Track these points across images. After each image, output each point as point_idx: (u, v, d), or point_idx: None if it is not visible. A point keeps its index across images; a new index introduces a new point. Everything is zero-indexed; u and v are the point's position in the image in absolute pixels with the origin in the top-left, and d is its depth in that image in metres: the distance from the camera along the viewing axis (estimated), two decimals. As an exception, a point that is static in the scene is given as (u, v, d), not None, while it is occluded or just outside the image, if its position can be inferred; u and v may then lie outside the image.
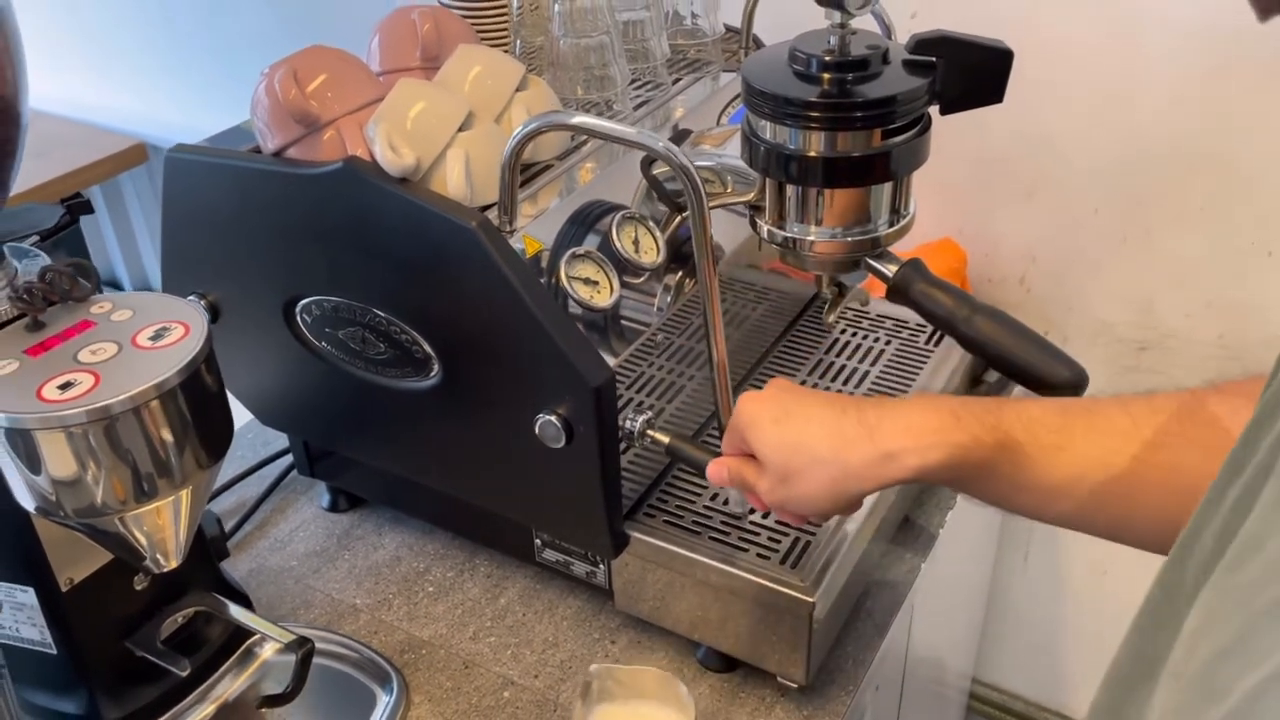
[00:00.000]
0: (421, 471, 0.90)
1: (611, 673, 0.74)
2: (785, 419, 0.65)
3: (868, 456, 0.61)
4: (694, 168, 0.68)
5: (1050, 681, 1.58)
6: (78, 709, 0.78)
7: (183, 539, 0.73)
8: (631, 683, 0.74)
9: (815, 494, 0.64)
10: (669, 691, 0.73)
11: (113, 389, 0.62)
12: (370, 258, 0.78)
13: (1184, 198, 1.15)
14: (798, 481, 0.64)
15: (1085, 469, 0.59)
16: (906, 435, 0.61)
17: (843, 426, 0.62)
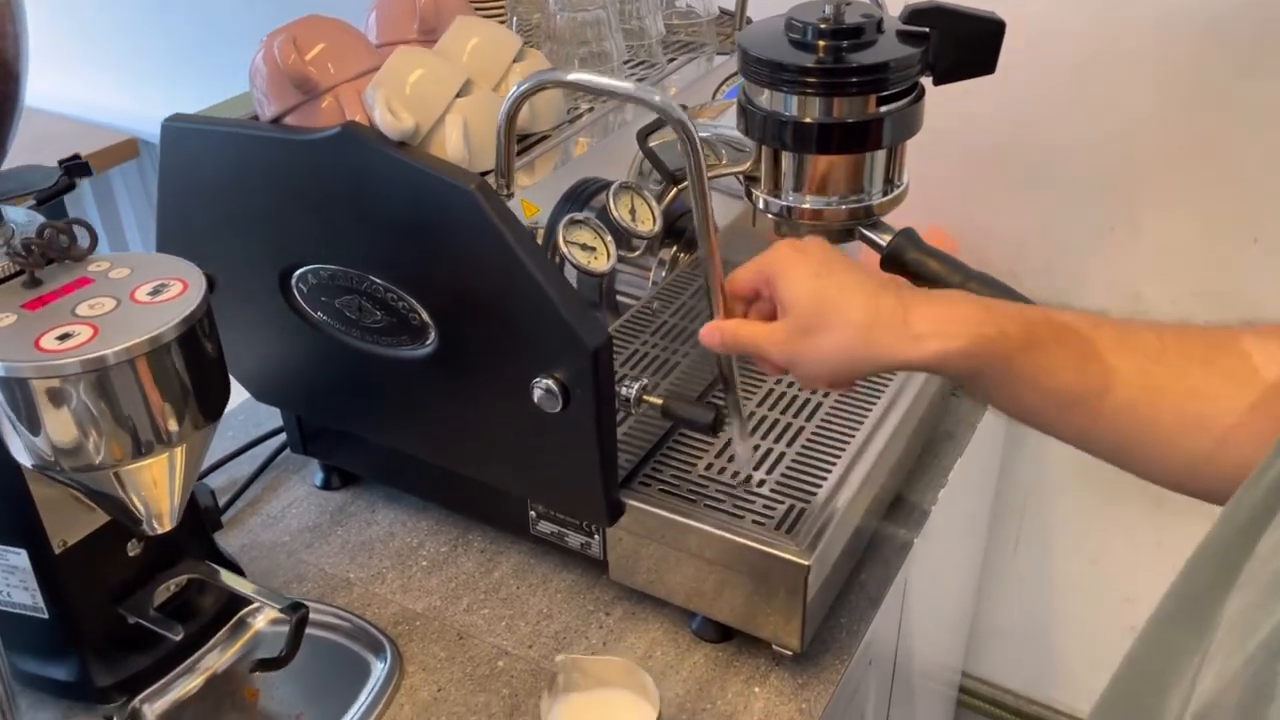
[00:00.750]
0: (417, 444, 0.90)
1: (577, 664, 0.73)
2: (826, 274, 0.63)
3: (897, 333, 0.61)
4: (690, 121, 0.69)
5: (1040, 675, 1.58)
6: (69, 675, 0.78)
7: (177, 501, 0.73)
8: (598, 673, 0.74)
9: (830, 354, 0.62)
10: (635, 681, 0.73)
11: (110, 341, 0.62)
12: (368, 223, 0.78)
13: (1170, 185, 1.16)
14: (818, 336, 0.62)
15: (1106, 381, 0.59)
16: (936, 321, 0.61)
17: (881, 298, 0.62)
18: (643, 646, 0.85)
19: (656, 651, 0.84)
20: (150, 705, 0.79)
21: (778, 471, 0.86)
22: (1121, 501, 1.36)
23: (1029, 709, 1.60)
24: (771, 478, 0.85)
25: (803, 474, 0.86)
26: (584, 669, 0.71)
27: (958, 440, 1.08)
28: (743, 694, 0.81)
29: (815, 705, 0.80)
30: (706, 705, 0.80)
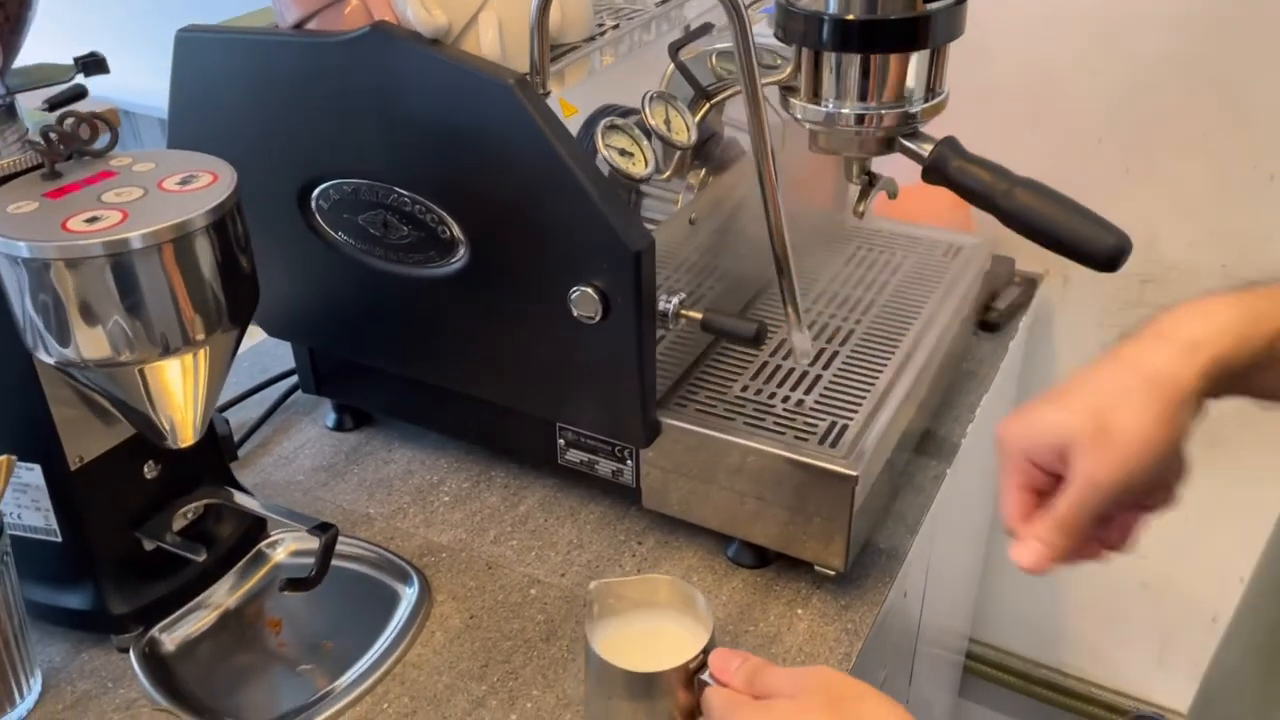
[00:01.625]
0: (442, 372, 0.87)
1: (611, 588, 0.67)
2: (1066, 394, 0.55)
3: (1169, 352, 0.53)
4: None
5: (1046, 638, 1.57)
6: (83, 604, 0.74)
7: (200, 411, 0.69)
8: (638, 596, 0.68)
9: (1139, 424, 0.52)
10: (680, 598, 0.67)
11: (140, 225, 0.59)
12: (397, 129, 0.75)
13: (1186, 125, 1.16)
14: (1113, 424, 0.52)
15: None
16: (1197, 319, 0.54)
17: (1118, 350, 0.54)
18: (678, 574, 0.82)
19: (693, 578, 0.82)
20: (168, 635, 0.76)
21: (815, 392, 0.84)
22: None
23: (1036, 672, 1.58)
24: (810, 398, 0.83)
25: (840, 395, 0.84)
26: (620, 593, 0.67)
27: (980, 378, 1.06)
28: (785, 616, 0.78)
29: (861, 625, 0.77)
30: (749, 628, 0.77)
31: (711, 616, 0.64)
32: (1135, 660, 1.50)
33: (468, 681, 0.73)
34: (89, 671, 0.74)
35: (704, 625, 0.65)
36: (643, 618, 0.68)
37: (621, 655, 0.62)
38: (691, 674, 0.61)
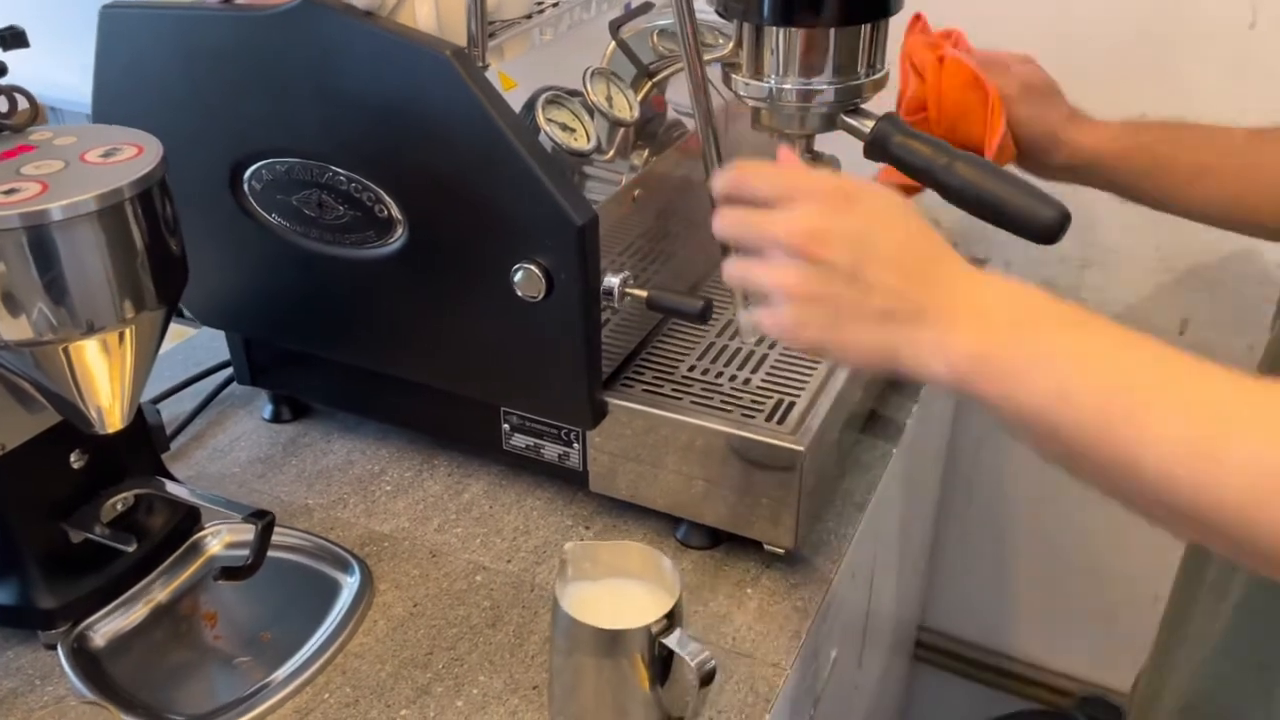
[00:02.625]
0: (383, 357, 0.85)
1: (587, 551, 0.68)
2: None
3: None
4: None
5: (993, 624, 1.58)
6: (7, 599, 0.71)
7: (128, 396, 0.67)
8: (610, 560, 0.69)
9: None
10: (652, 567, 0.68)
11: (59, 197, 0.57)
12: (331, 105, 0.73)
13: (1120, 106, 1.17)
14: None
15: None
16: None
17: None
18: (627, 557, 0.81)
19: (642, 561, 0.81)
20: (98, 631, 0.73)
21: (762, 371, 0.83)
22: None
23: (985, 659, 1.60)
24: (756, 377, 0.82)
25: (786, 374, 0.83)
26: (595, 556, 0.67)
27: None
28: (734, 596, 0.78)
29: (810, 604, 0.77)
30: (699, 608, 0.76)
31: (679, 584, 0.64)
32: (1081, 643, 1.52)
33: (412, 670, 0.72)
34: (14, 669, 0.71)
35: (670, 592, 0.64)
36: (611, 582, 0.68)
37: (588, 616, 0.62)
38: (654, 636, 0.61)
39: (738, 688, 0.70)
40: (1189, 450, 0.43)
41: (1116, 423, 0.45)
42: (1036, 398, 0.48)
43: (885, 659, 1.35)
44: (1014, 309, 0.50)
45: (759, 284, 0.56)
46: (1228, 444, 0.43)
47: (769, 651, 0.73)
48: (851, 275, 0.53)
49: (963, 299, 0.51)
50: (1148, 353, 0.47)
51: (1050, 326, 0.49)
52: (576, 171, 0.77)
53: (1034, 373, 0.48)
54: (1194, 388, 0.45)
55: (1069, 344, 0.48)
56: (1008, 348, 0.49)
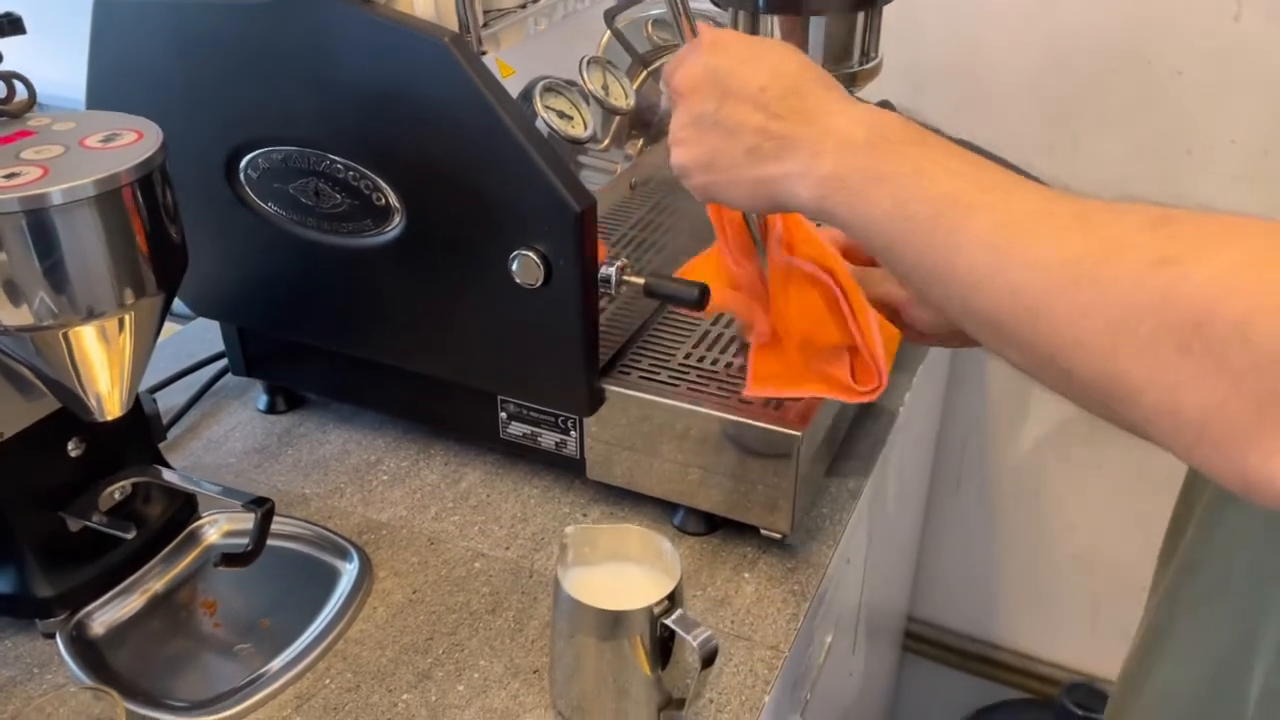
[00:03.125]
0: (379, 347, 0.85)
1: (587, 535, 0.69)
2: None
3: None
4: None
5: (982, 614, 1.59)
6: (6, 588, 0.71)
7: (126, 383, 0.67)
8: (610, 544, 0.69)
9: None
10: (651, 550, 0.68)
11: (60, 180, 0.57)
12: (328, 92, 0.74)
13: (1107, 100, 1.19)
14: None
15: None
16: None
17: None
18: (624, 543, 0.82)
19: (639, 547, 0.81)
20: (97, 619, 0.73)
21: (757, 358, 0.84)
22: (1059, 430, 1.38)
23: (973, 648, 1.61)
24: (752, 363, 0.83)
25: (782, 360, 0.84)
26: (592, 540, 0.67)
27: (916, 349, 1.08)
28: (732, 580, 0.78)
29: (808, 587, 0.78)
30: (696, 593, 0.77)
31: (679, 566, 0.64)
32: (1068, 631, 1.54)
33: (412, 655, 0.72)
34: (12, 658, 0.71)
35: (670, 576, 0.65)
36: (611, 566, 0.68)
37: (588, 599, 0.62)
38: (656, 617, 0.61)
39: (736, 670, 0.71)
40: (989, 247, 0.45)
41: (942, 229, 0.47)
42: (879, 210, 0.49)
43: (876, 648, 1.36)
44: (871, 132, 0.51)
45: None
46: (1024, 243, 0.44)
47: (767, 634, 0.73)
48: (717, 117, 0.55)
49: (828, 129, 0.52)
50: (983, 169, 0.48)
51: (899, 146, 0.50)
52: (572, 160, 0.78)
53: (880, 188, 0.49)
54: (1011, 196, 0.46)
55: (913, 159, 0.49)
56: (859, 166, 0.50)
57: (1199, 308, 0.38)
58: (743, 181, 0.55)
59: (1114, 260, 0.41)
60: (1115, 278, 0.41)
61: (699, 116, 0.56)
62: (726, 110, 0.55)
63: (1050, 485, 1.43)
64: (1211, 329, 0.38)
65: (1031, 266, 0.43)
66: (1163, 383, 0.39)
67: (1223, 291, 0.38)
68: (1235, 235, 0.40)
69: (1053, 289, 0.42)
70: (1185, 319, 0.38)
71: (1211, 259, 0.39)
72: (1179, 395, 0.39)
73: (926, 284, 0.49)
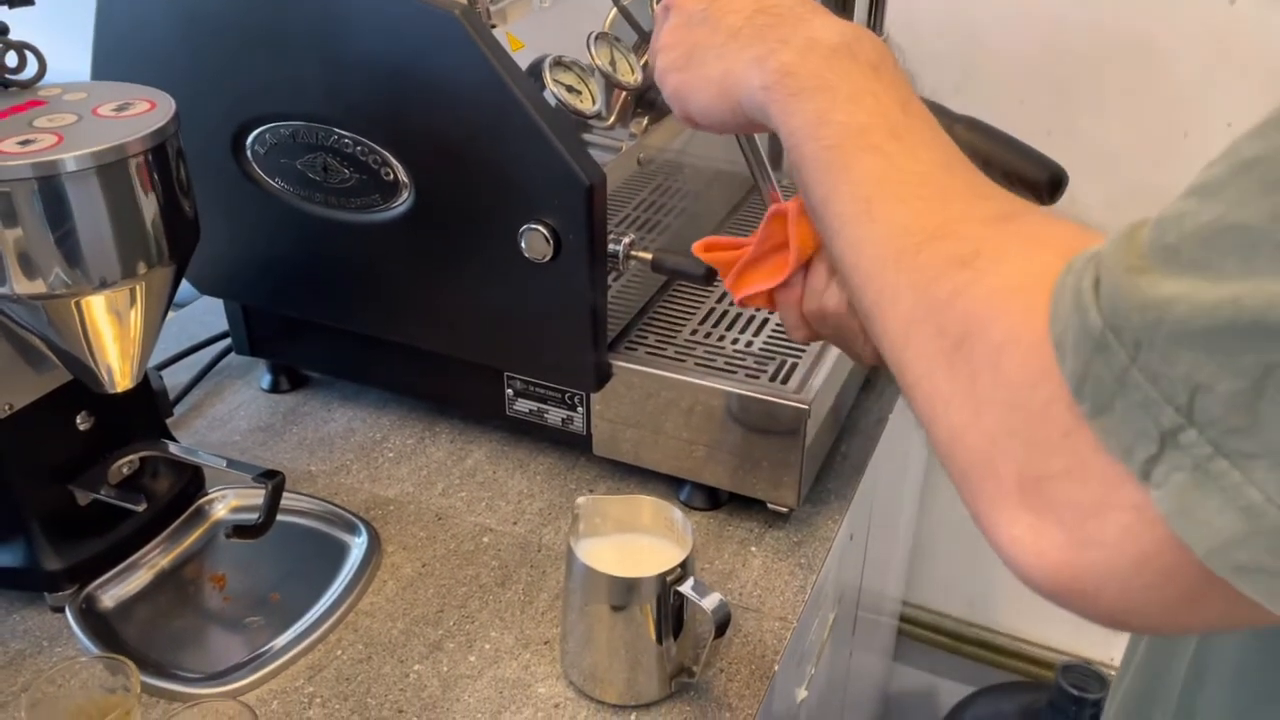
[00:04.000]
0: (387, 323, 0.85)
1: (598, 506, 0.69)
2: None
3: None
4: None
5: (976, 598, 1.60)
6: (14, 561, 0.71)
7: (136, 354, 0.67)
8: (621, 515, 0.70)
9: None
10: (663, 520, 0.68)
11: (78, 147, 0.57)
12: (337, 66, 0.74)
13: (1104, 84, 1.19)
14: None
15: None
16: None
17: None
18: (631, 518, 0.82)
19: (646, 522, 0.82)
20: (106, 593, 0.73)
21: (763, 335, 0.84)
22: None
23: (968, 632, 1.62)
24: (758, 340, 0.83)
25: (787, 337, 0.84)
26: (604, 511, 0.68)
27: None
28: (739, 554, 0.79)
29: (814, 560, 0.78)
30: (704, 566, 0.77)
31: (691, 536, 0.65)
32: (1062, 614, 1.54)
33: (423, 627, 0.72)
34: (21, 631, 0.71)
35: (682, 546, 0.65)
36: (623, 537, 0.69)
37: (601, 567, 0.63)
38: (669, 584, 0.62)
39: (746, 640, 0.71)
40: (857, 196, 0.42)
41: (835, 162, 0.44)
42: (800, 119, 0.46)
43: (873, 630, 1.36)
44: (840, 41, 0.48)
45: None
46: (884, 203, 0.41)
47: (775, 606, 0.74)
48: (707, 14, 0.53)
49: (801, 29, 0.49)
50: (916, 120, 0.45)
51: (856, 64, 0.47)
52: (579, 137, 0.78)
53: (813, 96, 0.46)
54: (913, 153, 0.43)
55: (857, 82, 0.46)
56: (810, 67, 0.47)
57: (970, 320, 0.35)
58: (711, 78, 0.52)
59: (933, 245, 0.38)
60: (924, 265, 0.38)
61: (689, 16, 0.54)
62: (717, 6, 0.53)
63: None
64: (976, 344, 0.34)
65: (877, 229, 0.41)
66: (928, 390, 0.36)
67: (995, 309, 0.34)
68: (1040, 245, 0.36)
69: (883, 259, 0.40)
70: (958, 327, 0.35)
71: (1002, 269, 0.35)
72: (936, 408, 0.36)
73: (814, 210, 0.46)
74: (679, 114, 0.56)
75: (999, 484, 0.33)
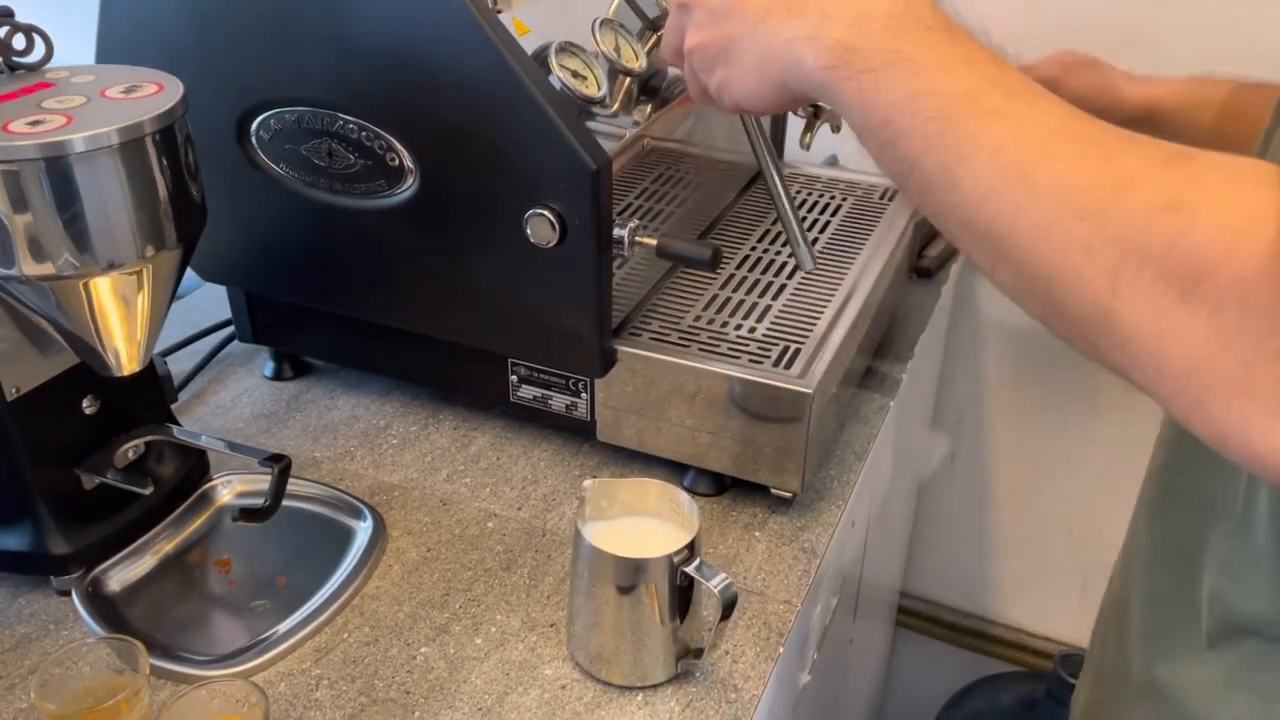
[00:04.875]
0: (391, 310, 0.85)
1: (605, 489, 0.69)
2: None
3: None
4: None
5: (974, 588, 1.61)
6: (21, 544, 0.71)
7: (143, 338, 0.67)
8: (628, 499, 0.70)
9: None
10: (669, 503, 0.69)
11: (87, 128, 0.57)
12: (342, 52, 0.74)
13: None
14: None
15: None
16: None
17: None
18: (635, 504, 0.82)
19: (649, 508, 0.82)
20: (112, 577, 0.73)
21: (766, 321, 0.85)
22: (1054, 405, 1.40)
23: (965, 622, 1.63)
24: (761, 326, 0.84)
25: (791, 322, 0.85)
26: (611, 494, 0.68)
27: (917, 320, 1.09)
28: (743, 539, 0.79)
29: (818, 544, 0.79)
30: (708, 550, 0.78)
31: (697, 518, 0.65)
32: (1059, 605, 1.55)
33: (429, 610, 0.72)
34: (28, 615, 0.71)
35: (688, 529, 0.66)
36: (630, 519, 0.69)
37: (609, 549, 0.63)
38: (676, 565, 0.62)
39: (750, 623, 0.72)
40: (1004, 163, 0.42)
41: (956, 131, 0.44)
42: (888, 97, 0.46)
43: (872, 619, 1.37)
44: (895, 6, 0.47)
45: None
46: (1039, 163, 0.42)
47: (779, 590, 0.74)
48: (725, 10, 0.53)
49: (841, 2, 0.49)
50: (1006, 72, 0.45)
51: (924, 30, 0.47)
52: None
53: (894, 71, 0.46)
54: (1035, 108, 0.44)
55: (938, 47, 0.46)
56: (874, 41, 0.47)
57: (1203, 260, 0.37)
58: (751, 61, 0.52)
59: (1125, 196, 0.40)
60: (1124, 216, 0.39)
61: (710, 13, 0.54)
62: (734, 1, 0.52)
63: (1043, 460, 1.45)
64: (1212, 284, 0.37)
65: (1043, 190, 0.41)
66: (1154, 331, 0.39)
67: (1229, 247, 0.37)
68: (1250, 184, 0.38)
69: (1062, 218, 0.41)
70: (1187, 270, 0.38)
71: (1221, 208, 0.38)
72: (1168, 345, 0.38)
73: (925, 187, 0.46)
74: (727, 107, 0.56)
75: (1258, 402, 0.37)
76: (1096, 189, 0.40)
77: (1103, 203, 0.40)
